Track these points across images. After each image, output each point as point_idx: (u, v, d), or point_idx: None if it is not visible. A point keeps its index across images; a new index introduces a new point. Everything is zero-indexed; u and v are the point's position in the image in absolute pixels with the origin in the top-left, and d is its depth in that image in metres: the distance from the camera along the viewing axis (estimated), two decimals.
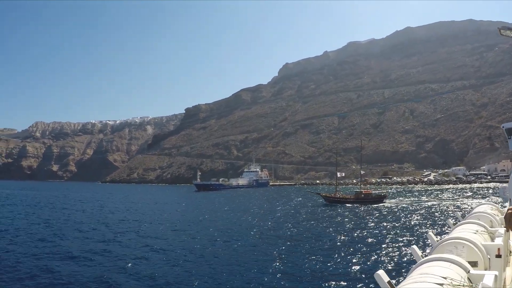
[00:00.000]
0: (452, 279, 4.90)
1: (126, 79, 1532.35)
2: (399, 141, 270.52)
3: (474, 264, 6.49)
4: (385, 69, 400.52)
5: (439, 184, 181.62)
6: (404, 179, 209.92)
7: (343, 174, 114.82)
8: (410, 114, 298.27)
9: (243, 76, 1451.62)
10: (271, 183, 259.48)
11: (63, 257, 33.16)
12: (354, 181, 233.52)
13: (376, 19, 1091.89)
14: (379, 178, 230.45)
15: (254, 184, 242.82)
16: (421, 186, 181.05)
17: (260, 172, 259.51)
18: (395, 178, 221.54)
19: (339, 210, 72.11)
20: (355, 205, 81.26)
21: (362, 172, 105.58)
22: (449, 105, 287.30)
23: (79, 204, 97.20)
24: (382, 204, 79.72)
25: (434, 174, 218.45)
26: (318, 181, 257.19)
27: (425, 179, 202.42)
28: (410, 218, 55.20)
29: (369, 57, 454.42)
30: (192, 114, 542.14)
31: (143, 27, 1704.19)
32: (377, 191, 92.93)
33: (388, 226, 47.50)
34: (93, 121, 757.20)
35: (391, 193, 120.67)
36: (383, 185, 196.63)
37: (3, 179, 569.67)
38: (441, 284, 4.71)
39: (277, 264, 28.43)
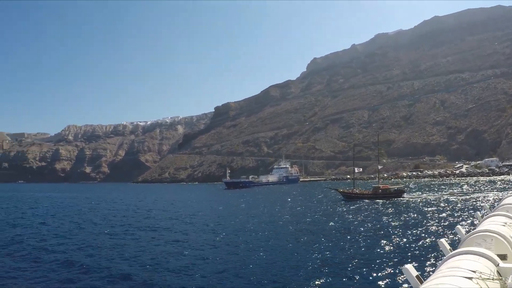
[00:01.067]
0: (481, 272, 4.84)
1: (157, 80, 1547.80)
2: (430, 133, 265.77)
3: (503, 257, 6.32)
4: (414, 59, 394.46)
5: (471, 176, 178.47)
6: (436, 172, 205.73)
7: (361, 170, 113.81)
8: (441, 105, 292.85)
9: (271, 73, 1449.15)
10: (301, 179, 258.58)
11: (120, 254, 34.24)
12: (385, 175, 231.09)
13: (403, 9, 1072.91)
14: (410, 171, 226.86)
15: (284, 180, 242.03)
16: (452, 178, 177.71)
17: (290, 168, 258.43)
18: (426, 171, 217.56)
19: (358, 206, 71.43)
20: (374, 200, 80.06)
21: (380, 166, 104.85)
22: (481, 95, 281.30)
23: (122, 205, 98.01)
24: (401, 199, 78.99)
25: (466, 166, 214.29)
26: (348, 176, 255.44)
27: (457, 172, 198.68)
28: (434, 212, 54.33)
29: (398, 49, 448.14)
30: (222, 113, 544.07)
31: (172, 26, 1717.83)
32: (395, 186, 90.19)
33: (412, 221, 46.96)
34: (124, 123, 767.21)
35: (418, 187, 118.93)
36: (414, 179, 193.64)
37: (38, 182, 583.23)
38: (470, 278, 4.66)
39: (301, 258, 28.61)
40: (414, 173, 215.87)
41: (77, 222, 57.25)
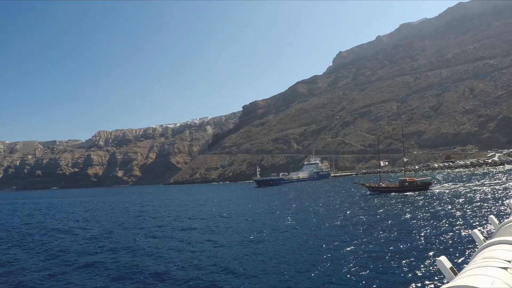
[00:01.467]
0: None
1: (184, 82, 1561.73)
2: (461, 122, 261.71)
3: None
4: (441, 48, 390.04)
5: (504, 165, 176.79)
6: (468, 162, 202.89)
7: (386, 163, 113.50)
8: (470, 93, 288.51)
9: (298, 69, 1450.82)
10: (332, 175, 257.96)
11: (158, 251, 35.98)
12: (416, 167, 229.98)
13: None
14: (441, 162, 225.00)
15: (315, 176, 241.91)
16: (485, 168, 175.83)
17: (320, 164, 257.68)
18: (458, 161, 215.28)
19: (385, 199, 71.50)
20: (400, 193, 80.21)
21: (405, 159, 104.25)
22: (510, 80, 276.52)
23: (156, 206, 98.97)
24: (428, 191, 78.11)
25: (498, 154, 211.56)
26: (379, 169, 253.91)
27: (489, 161, 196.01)
28: (464, 203, 53.75)
29: (423, 38, 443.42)
30: (250, 111, 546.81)
31: (198, 27, 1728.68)
32: (422, 178, 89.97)
33: (442, 212, 46.69)
34: (154, 126, 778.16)
35: (447, 178, 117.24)
36: (445, 170, 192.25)
37: (71, 188, 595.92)
38: (505, 268, 4.58)
39: (337, 253, 28.89)
40: (445, 163, 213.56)
41: (114, 224, 58.70)
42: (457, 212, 45.85)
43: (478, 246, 6.51)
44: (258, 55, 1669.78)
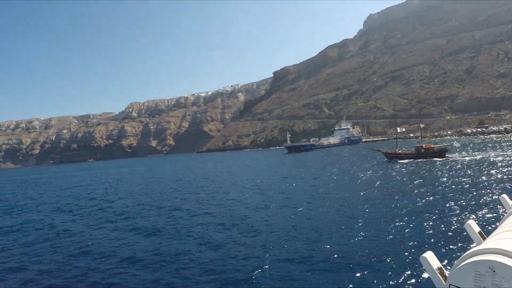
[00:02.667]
0: None
1: (216, 49, 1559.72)
2: (495, 86, 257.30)
3: None
4: (473, 9, 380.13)
5: None
6: (502, 128, 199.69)
7: (404, 129, 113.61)
8: (504, 56, 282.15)
9: (328, 33, 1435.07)
10: (363, 140, 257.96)
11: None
12: (449, 132, 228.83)
13: None
14: (474, 128, 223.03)
15: (346, 142, 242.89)
16: None
17: (351, 129, 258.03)
18: (491, 127, 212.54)
19: (403, 166, 72.30)
20: (416, 160, 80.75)
21: (422, 125, 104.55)
22: None
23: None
24: (444, 159, 77.36)
25: None
26: (411, 135, 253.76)
27: None
28: (484, 171, 51.87)
29: None
30: (281, 77, 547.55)
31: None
32: (438, 145, 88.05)
33: (463, 178, 46.26)
34: (186, 95, 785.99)
35: (463, 145, 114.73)
36: (479, 135, 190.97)
37: (106, 160, 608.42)
38: None
39: (361, 224, 28.28)
40: (478, 129, 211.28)
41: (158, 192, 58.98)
42: (479, 178, 45.69)
43: (506, 211, 6.67)
44: (288, 20, 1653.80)
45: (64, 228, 37.18)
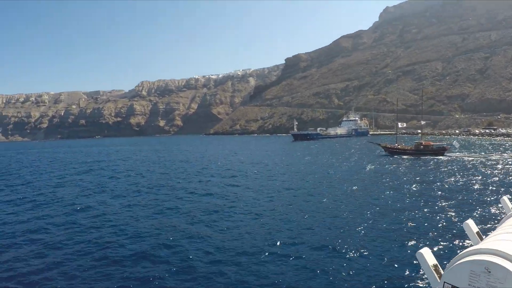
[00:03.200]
0: None
1: (229, 33, 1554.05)
2: (507, 88, 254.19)
3: None
4: (492, 9, 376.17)
5: None
6: (510, 131, 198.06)
7: (404, 125, 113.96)
8: None
9: (343, 23, 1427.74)
10: (371, 133, 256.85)
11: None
12: (457, 131, 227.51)
13: None
14: (483, 128, 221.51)
15: (353, 133, 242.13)
16: None
17: (359, 121, 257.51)
18: (500, 129, 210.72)
19: (400, 161, 73.12)
20: (415, 156, 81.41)
21: (423, 122, 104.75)
22: None
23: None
24: (442, 157, 78.04)
25: None
26: (419, 131, 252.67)
27: None
28: (482, 172, 52.23)
29: None
30: (293, 64, 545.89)
31: None
32: (438, 143, 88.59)
33: (461, 179, 46.30)
34: (197, 76, 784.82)
35: (463, 145, 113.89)
36: (486, 137, 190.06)
37: (114, 137, 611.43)
38: None
39: (359, 219, 28.20)
40: (487, 130, 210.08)
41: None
42: (477, 178, 45.88)
43: (506, 213, 6.63)
44: (304, 8, 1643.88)
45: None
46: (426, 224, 25.59)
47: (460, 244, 20.82)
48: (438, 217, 27.27)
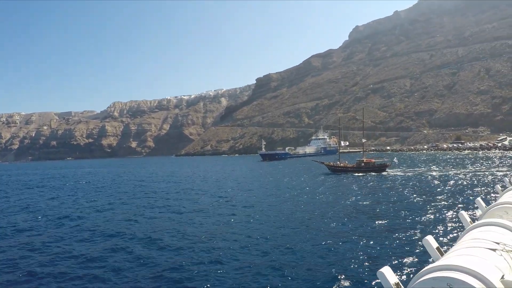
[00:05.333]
0: (505, 244, 4.73)
1: (200, 53, 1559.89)
2: (474, 103, 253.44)
3: None
4: (459, 26, 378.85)
5: None
6: (477, 144, 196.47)
7: (347, 143, 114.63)
8: (485, 73, 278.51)
9: (313, 42, 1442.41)
10: (340, 150, 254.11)
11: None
12: (425, 146, 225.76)
13: None
14: (451, 143, 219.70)
15: (322, 152, 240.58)
16: (494, 151, 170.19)
17: (328, 140, 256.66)
18: (467, 143, 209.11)
19: (340, 179, 73.03)
20: (357, 174, 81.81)
21: (364, 140, 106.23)
22: None
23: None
24: (384, 173, 78.89)
25: (510, 138, 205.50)
26: (388, 147, 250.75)
27: (499, 144, 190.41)
28: (424, 187, 53.21)
29: (442, 15, 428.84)
30: (264, 84, 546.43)
31: (215, 4, 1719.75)
32: (379, 160, 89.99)
33: (409, 194, 46.08)
34: (169, 97, 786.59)
35: (405, 161, 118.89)
36: (454, 151, 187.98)
37: (85, 158, 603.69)
38: (494, 250, 4.57)
39: (305, 239, 26.91)
40: (454, 145, 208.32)
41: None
42: (422, 193, 46.23)
43: (464, 228, 6.49)
44: (275, 27, 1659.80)
45: None
46: (383, 242, 24.58)
47: (421, 260, 19.95)
48: (395, 234, 26.44)
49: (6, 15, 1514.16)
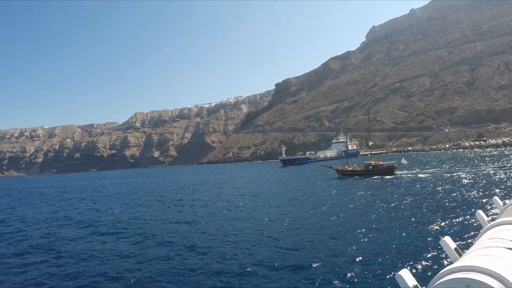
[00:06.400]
0: None
1: (220, 61, 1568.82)
2: (495, 98, 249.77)
3: None
4: (476, 20, 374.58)
5: None
6: (500, 141, 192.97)
7: (355, 146, 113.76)
8: (505, 67, 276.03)
9: (331, 45, 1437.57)
10: (361, 153, 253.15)
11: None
12: (447, 145, 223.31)
13: None
14: (472, 141, 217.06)
15: (343, 155, 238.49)
16: None
17: (348, 142, 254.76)
18: (490, 140, 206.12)
19: (351, 182, 73.56)
20: (366, 177, 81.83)
21: (370, 143, 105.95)
22: None
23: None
24: (393, 176, 78.59)
25: None
26: (410, 148, 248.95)
27: None
28: (437, 187, 52.26)
29: (458, 10, 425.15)
30: (283, 89, 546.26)
31: (230, 7, 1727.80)
32: (386, 162, 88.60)
33: (424, 196, 45.66)
34: (189, 106, 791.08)
35: (414, 162, 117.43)
36: (476, 149, 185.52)
37: (109, 170, 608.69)
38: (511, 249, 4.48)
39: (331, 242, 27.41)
40: (477, 142, 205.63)
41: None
42: (436, 194, 45.25)
43: (482, 227, 6.39)
44: (292, 31, 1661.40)
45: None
46: (400, 245, 24.66)
47: (440, 262, 19.62)
48: (411, 236, 26.54)
49: (29, 33, 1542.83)
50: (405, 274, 4.46)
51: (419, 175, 73.78)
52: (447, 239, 5.46)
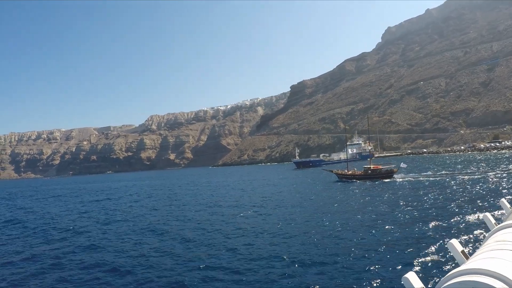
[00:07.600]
0: None
1: (236, 63, 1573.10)
2: (511, 99, 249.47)
3: None
4: (492, 20, 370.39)
5: None
6: None
7: (354, 150, 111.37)
8: None
9: (347, 47, 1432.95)
10: (376, 155, 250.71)
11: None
12: (462, 147, 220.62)
13: None
14: (488, 142, 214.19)
15: (357, 157, 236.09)
16: None
17: (363, 144, 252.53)
18: (505, 142, 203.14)
19: (349, 186, 72.80)
20: (365, 181, 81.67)
21: (370, 147, 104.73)
22: None
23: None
24: (392, 180, 78.18)
25: None
26: (425, 150, 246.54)
27: None
28: (446, 191, 51.22)
29: (474, 10, 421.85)
30: (298, 91, 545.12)
31: (244, 9, 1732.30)
32: (386, 166, 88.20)
33: (428, 199, 45.22)
34: (205, 108, 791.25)
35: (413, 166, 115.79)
36: (491, 151, 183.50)
37: (125, 172, 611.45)
38: None
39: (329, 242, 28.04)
40: (492, 144, 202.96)
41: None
42: (437, 198, 45.22)
43: (489, 230, 6.38)
44: (308, 33, 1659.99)
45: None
46: (407, 247, 24.49)
47: (446, 264, 19.78)
48: (418, 239, 26.41)
49: (47, 35, 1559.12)
50: (412, 277, 4.46)
51: (420, 179, 73.68)
52: (454, 242, 5.49)
